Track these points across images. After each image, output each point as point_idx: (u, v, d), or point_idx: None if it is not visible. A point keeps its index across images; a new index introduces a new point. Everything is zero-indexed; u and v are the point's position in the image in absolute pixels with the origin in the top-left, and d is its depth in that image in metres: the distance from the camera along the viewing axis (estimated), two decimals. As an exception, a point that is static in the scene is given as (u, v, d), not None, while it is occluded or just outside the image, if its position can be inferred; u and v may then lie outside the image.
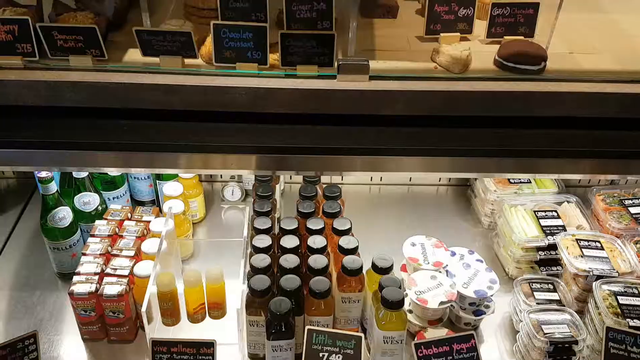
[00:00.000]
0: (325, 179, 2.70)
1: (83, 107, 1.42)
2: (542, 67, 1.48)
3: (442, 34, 1.61)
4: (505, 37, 1.59)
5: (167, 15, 1.74)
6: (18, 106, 1.41)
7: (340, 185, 2.35)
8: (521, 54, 1.46)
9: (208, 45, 1.49)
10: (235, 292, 1.89)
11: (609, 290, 2.05)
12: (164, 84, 1.41)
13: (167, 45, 1.44)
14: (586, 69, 1.52)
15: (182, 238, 2.31)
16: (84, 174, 2.16)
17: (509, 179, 2.58)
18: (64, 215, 2.09)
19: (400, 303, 1.82)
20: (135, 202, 2.56)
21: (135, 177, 2.47)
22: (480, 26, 1.64)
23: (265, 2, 1.59)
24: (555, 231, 2.31)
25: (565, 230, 2.32)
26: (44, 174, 1.97)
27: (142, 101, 1.43)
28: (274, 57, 1.50)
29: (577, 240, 2.22)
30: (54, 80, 1.37)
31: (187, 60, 1.49)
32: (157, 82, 1.41)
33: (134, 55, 1.50)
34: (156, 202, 2.58)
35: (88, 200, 2.20)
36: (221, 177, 2.85)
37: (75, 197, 2.20)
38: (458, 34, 1.62)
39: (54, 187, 2.02)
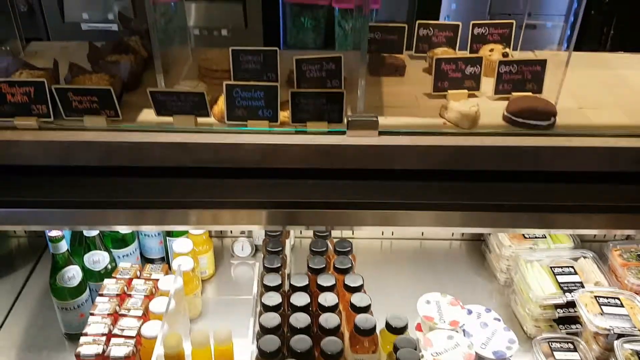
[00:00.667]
0: (336, 233, 2.68)
1: (95, 166, 1.44)
2: (551, 122, 1.48)
3: (449, 91, 1.63)
4: (513, 94, 1.60)
5: (182, 76, 1.78)
6: (31, 165, 1.43)
7: (351, 240, 2.32)
8: (530, 109, 1.47)
9: (220, 104, 1.52)
10: (245, 353, 1.84)
11: (631, 349, 1.97)
12: (176, 142, 1.43)
13: (181, 105, 1.47)
14: (596, 124, 1.53)
15: (190, 296, 2.27)
16: (94, 232, 2.16)
17: (523, 234, 2.54)
18: (73, 274, 2.07)
19: (416, 365, 1.75)
20: (145, 260, 2.54)
21: (145, 234, 2.46)
22: (487, 83, 1.66)
23: (276, 63, 1.64)
24: (572, 288, 2.25)
25: (583, 286, 2.26)
26: (54, 233, 1.97)
27: (154, 159, 1.44)
28: (284, 115, 1.52)
29: (595, 297, 2.15)
30: (67, 140, 1.40)
31: (200, 119, 1.51)
32: (169, 141, 1.43)
33: (148, 115, 1.53)
34: (166, 259, 2.56)
35: (98, 259, 2.19)
36: (231, 232, 2.84)
37: (85, 256, 2.19)
38: (466, 90, 1.64)
39: (64, 246, 2.02)
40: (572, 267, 2.38)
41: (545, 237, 2.56)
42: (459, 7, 3.33)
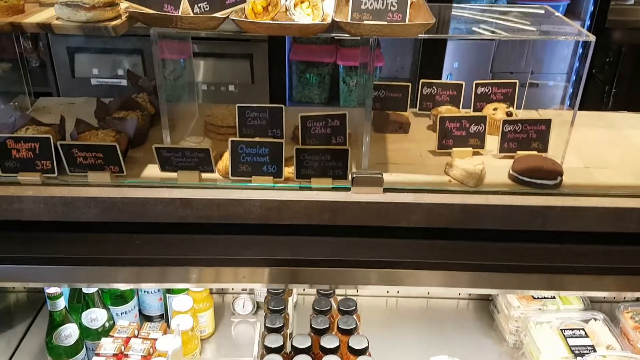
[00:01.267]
0: (340, 290, 2.62)
1: (97, 222, 1.42)
2: (558, 181, 1.47)
3: (454, 149, 1.63)
4: (519, 152, 1.60)
5: (188, 131, 1.80)
6: (33, 221, 1.42)
7: (355, 298, 2.26)
8: (537, 168, 1.46)
9: (225, 160, 1.52)
10: (244, 418, 1.76)
11: (648, 416, 1.88)
12: (179, 198, 1.42)
13: (186, 161, 1.47)
14: (603, 184, 1.52)
15: (189, 357, 2.20)
16: (93, 289, 2.12)
17: (532, 295, 2.48)
18: (69, 333, 2.02)
19: None
20: (144, 317, 2.48)
21: (145, 291, 2.42)
22: (492, 141, 1.66)
23: (281, 120, 1.65)
24: (584, 351, 2.18)
25: (594, 350, 2.19)
26: (52, 290, 1.93)
27: (157, 215, 1.43)
28: (288, 170, 1.52)
29: (609, 360, 2.07)
30: (70, 196, 1.39)
31: (204, 175, 1.51)
32: (173, 197, 1.42)
33: (152, 170, 1.53)
34: (165, 317, 2.50)
35: (96, 316, 2.14)
36: (232, 288, 2.78)
37: (83, 313, 2.14)
38: (470, 148, 1.64)
39: (62, 303, 1.98)
40: (583, 329, 2.31)
41: (555, 298, 2.49)
42: (461, 65, 3.39)
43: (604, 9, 3.10)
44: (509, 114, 1.75)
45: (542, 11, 1.80)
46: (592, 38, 1.42)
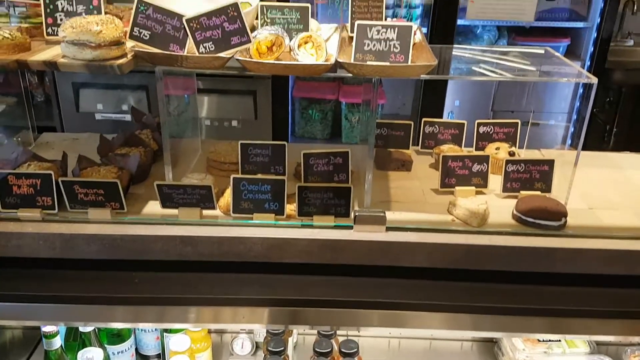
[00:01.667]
0: (341, 331, 2.58)
1: (96, 260, 1.41)
2: (562, 223, 1.45)
3: (457, 188, 1.63)
4: (522, 192, 1.59)
5: (190, 168, 1.80)
6: (31, 258, 1.40)
7: (357, 339, 2.22)
8: (541, 209, 1.45)
9: (227, 197, 1.51)
10: None
11: None
12: (179, 236, 1.41)
13: (187, 198, 1.47)
14: (608, 225, 1.50)
15: (186, 399, 2.14)
16: (90, 327, 2.08)
17: (537, 337, 2.43)
18: (64, 372, 1.97)
19: None
20: (141, 356, 2.43)
21: (142, 330, 2.37)
22: (495, 180, 1.66)
23: (284, 157, 1.65)
24: (592, 395, 2.12)
25: (603, 394, 2.13)
26: (49, 329, 1.90)
27: (157, 253, 1.41)
28: (290, 208, 1.51)
29: (618, 406, 2.01)
30: (70, 233, 1.38)
31: (205, 212, 1.50)
32: (173, 234, 1.41)
33: (153, 207, 1.52)
34: (162, 357, 2.45)
35: (92, 356, 2.09)
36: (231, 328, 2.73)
37: (78, 353, 2.09)
38: (473, 188, 1.63)
39: (57, 342, 1.93)
40: (591, 373, 2.26)
41: (560, 341, 2.45)
42: (462, 104, 3.42)
43: (604, 50, 3.15)
44: (512, 154, 1.75)
45: (542, 51, 1.82)
46: (594, 80, 1.43)
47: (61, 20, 1.42)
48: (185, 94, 1.81)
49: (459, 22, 3.14)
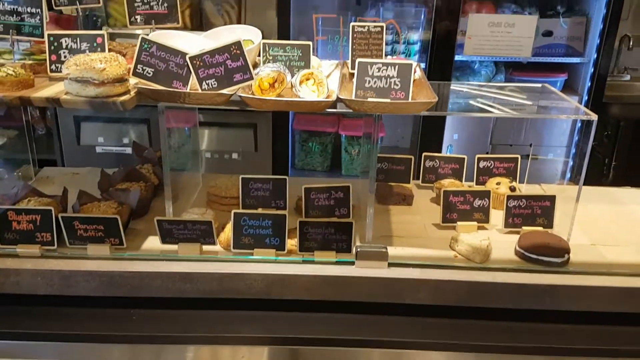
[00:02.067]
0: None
1: (95, 297, 1.39)
2: (565, 259, 1.45)
3: (459, 223, 1.62)
4: (524, 228, 1.59)
5: (191, 202, 1.79)
6: (29, 295, 1.38)
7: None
8: (543, 245, 1.44)
9: (227, 232, 1.50)
10: None
11: None
12: (179, 272, 1.40)
13: (187, 234, 1.46)
14: (611, 262, 1.49)
15: None
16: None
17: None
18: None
19: None
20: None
21: (139, 364, 2.33)
22: (496, 215, 1.65)
23: (285, 191, 1.64)
24: None
25: None
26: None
27: (156, 289, 1.40)
28: (291, 243, 1.50)
29: None
30: (68, 269, 1.37)
31: (205, 247, 1.49)
32: (172, 270, 1.40)
33: (153, 242, 1.51)
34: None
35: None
36: (230, 363, 2.68)
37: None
38: (475, 223, 1.62)
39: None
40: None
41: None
42: (461, 137, 3.43)
43: (601, 85, 3.18)
44: (513, 189, 1.75)
45: (539, 86, 1.84)
46: (594, 117, 1.44)
47: (65, 57, 1.44)
48: (186, 126, 1.82)
49: (457, 57, 3.18)
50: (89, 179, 1.86)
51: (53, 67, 1.46)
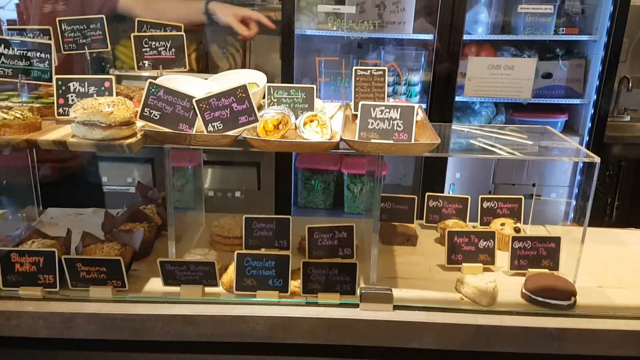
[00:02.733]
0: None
1: (95, 340, 1.37)
2: (572, 302, 1.43)
3: (464, 264, 1.61)
4: (530, 270, 1.57)
5: (194, 242, 1.78)
6: (30, 337, 1.36)
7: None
8: (550, 288, 1.43)
9: (230, 274, 1.49)
10: None
11: None
12: (180, 315, 1.38)
13: (190, 275, 1.45)
14: (619, 305, 1.47)
15: None
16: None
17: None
18: None
19: None
20: None
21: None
22: (501, 256, 1.64)
23: (288, 231, 1.64)
24: None
25: None
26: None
27: (157, 333, 1.38)
28: (294, 284, 1.48)
29: None
30: (70, 312, 1.35)
31: (207, 289, 1.47)
32: (174, 313, 1.38)
33: (155, 284, 1.50)
34: None
35: None
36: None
37: None
38: (481, 265, 1.61)
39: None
40: None
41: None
42: (463, 176, 3.44)
43: (602, 126, 3.21)
44: (517, 230, 1.74)
45: (541, 127, 1.86)
46: (596, 159, 1.45)
47: (73, 101, 1.46)
48: (190, 166, 1.84)
49: (457, 98, 3.23)
50: (93, 219, 1.86)
51: (60, 110, 1.48)
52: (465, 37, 3.13)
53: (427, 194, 1.94)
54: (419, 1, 3.23)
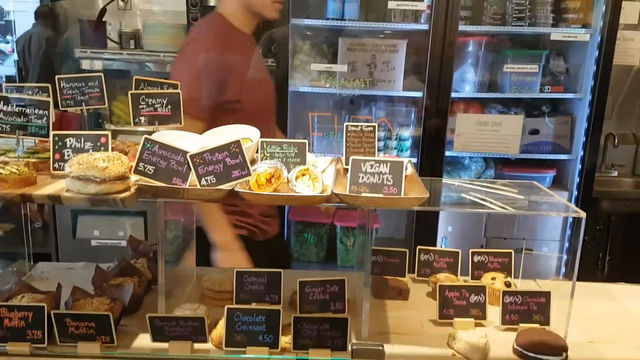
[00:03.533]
0: None
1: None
2: (564, 357, 1.42)
3: (456, 319, 1.60)
4: (521, 325, 1.57)
5: (184, 297, 1.77)
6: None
7: None
8: (541, 343, 1.42)
9: (220, 329, 1.48)
10: None
11: None
12: (169, 374, 1.35)
13: (179, 331, 1.43)
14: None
15: None
16: None
17: None
18: None
19: None
20: None
21: None
22: (492, 311, 1.63)
23: (279, 285, 1.63)
24: None
25: None
26: None
27: (145, 391, 1.35)
28: (285, 340, 1.47)
29: None
30: (56, 370, 1.33)
31: (197, 345, 1.45)
32: (162, 372, 1.35)
33: (144, 340, 1.47)
34: None
35: None
36: None
37: None
38: (472, 319, 1.61)
39: None
40: None
41: None
42: (455, 229, 3.47)
43: (590, 181, 3.26)
44: (508, 284, 1.74)
45: (529, 182, 1.90)
46: (582, 215, 1.47)
47: (68, 156, 1.48)
48: (183, 218, 1.84)
49: (447, 153, 3.30)
50: (83, 273, 1.85)
51: (56, 165, 1.50)
52: (453, 94, 3.22)
53: (418, 247, 1.95)
54: (408, 61, 3.35)
